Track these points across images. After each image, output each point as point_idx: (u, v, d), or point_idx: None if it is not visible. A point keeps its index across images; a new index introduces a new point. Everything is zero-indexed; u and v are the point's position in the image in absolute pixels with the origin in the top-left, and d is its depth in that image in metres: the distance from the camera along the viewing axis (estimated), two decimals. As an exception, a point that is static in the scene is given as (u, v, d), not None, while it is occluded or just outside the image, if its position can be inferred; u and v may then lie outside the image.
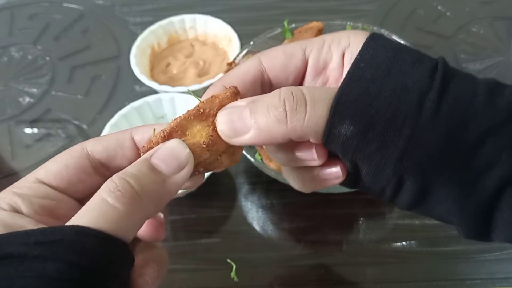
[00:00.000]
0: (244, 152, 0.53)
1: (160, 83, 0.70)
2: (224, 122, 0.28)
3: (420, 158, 0.26)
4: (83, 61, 0.81)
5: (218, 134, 0.28)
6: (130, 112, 0.62)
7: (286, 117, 0.27)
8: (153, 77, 0.73)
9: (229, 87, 0.29)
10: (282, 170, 0.34)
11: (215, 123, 0.28)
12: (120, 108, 0.62)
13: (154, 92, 0.69)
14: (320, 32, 0.62)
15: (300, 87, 0.28)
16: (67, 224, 0.24)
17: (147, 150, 0.28)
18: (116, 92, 0.75)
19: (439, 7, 0.85)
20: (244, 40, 0.70)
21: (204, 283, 0.53)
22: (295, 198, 0.59)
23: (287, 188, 0.56)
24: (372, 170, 0.27)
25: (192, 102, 0.63)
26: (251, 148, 0.58)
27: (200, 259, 0.55)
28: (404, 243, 0.55)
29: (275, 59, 0.32)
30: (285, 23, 0.66)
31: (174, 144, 0.27)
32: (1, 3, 0.94)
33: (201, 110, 0.28)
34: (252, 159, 0.52)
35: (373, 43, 0.29)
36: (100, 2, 0.91)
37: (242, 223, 0.58)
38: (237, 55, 0.65)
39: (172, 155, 0.27)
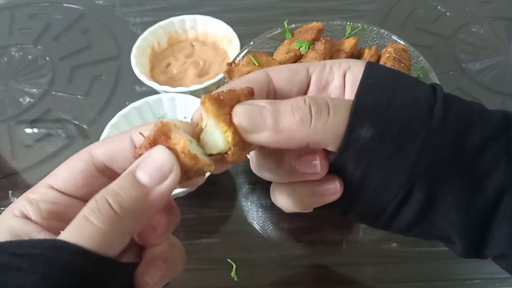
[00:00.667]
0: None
1: (160, 83, 0.70)
2: (243, 115, 0.27)
3: (433, 161, 0.28)
4: (83, 61, 0.81)
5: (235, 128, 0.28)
6: (130, 112, 0.62)
7: (311, 119, 0.27)
8: (153, 77, 0.73)
9: (246, 87, 0.29)
10: (272, 190, 0.33)
11: (230, 119, 0.27)
12: (120, 108, 0.62)
13: (154, 92, 0.69)
14: (320, 32, 0.62)
15: (321, 95, 0.30)
16: (58, 237, 0.25)
17: (139, 156, 0.27)
18: (116, 92, 0.76)
19: (439, 7, 0.85)
20: (244, 40, 0.70)
21: (204, 283, 0.53)
22: (295, 198, 0.59)
23: (287, 188, 0.56)
24: (385, 177, 0.28)
25: (192, 103, 0.63)
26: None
27: (200, 259, 0.55)
28: (404, 243, 0.55)
29: (281, 73, 0.33)
30: (285, 24, 0.66)
31: (157, 152, 0.27)
32: (1, 3, 0.94)
33: (221, 97, 0.27)
34: (252, 159, 0.52)
35: (375, 66, 0.31)
36: (100, 2, 0.91)
37: (242, 223, 0.58)
38: (237, 55, 0.65)
39: (155, 165, 0.26)
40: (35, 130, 0.71)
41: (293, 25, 0.66)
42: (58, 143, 0.69)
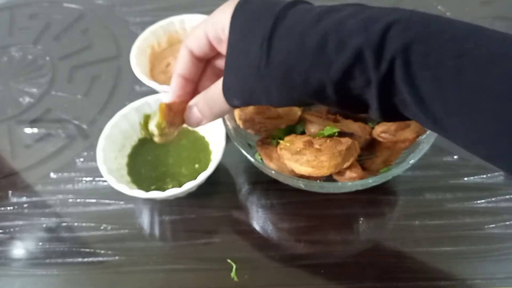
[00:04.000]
0: (244, 152, 0.53)
1: (160, 83, 0.69)
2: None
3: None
4: (83, 61, 0.81)
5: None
6: (130, 112, 0.62)
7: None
8: (153, 77, 0.73)
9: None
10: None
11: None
12: (120, 108, 0.62)
13: (154, 92, 0.69)
14: (320, 32, 0.62)
15: None
16: None
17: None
18: (116, 92, 0.76)
19: (439, 7, 0.85)
20: (244, 40, 0.70)
21: (204, 283, 0.53)
22: (295, 198, 0.59)
23: (287, 188, 0.56)
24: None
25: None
26: (251, 148, 0.58)
27: (200, 259, 0.55)
28: (404, 243, 0.55)
29: (194, 42, 0.44)
30: (285, 23, 0.66)
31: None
32: (1, 3, 0.94)
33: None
34: (252, 159, 0.52)
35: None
36: (100, 2, 0.91)
37: (242, 223, 0.58)
38: (237, 55, 0.64)
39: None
40: (35, 130, 0.71)
41: (293, 25, 0.66)
42: (58, 143, 0.69)
